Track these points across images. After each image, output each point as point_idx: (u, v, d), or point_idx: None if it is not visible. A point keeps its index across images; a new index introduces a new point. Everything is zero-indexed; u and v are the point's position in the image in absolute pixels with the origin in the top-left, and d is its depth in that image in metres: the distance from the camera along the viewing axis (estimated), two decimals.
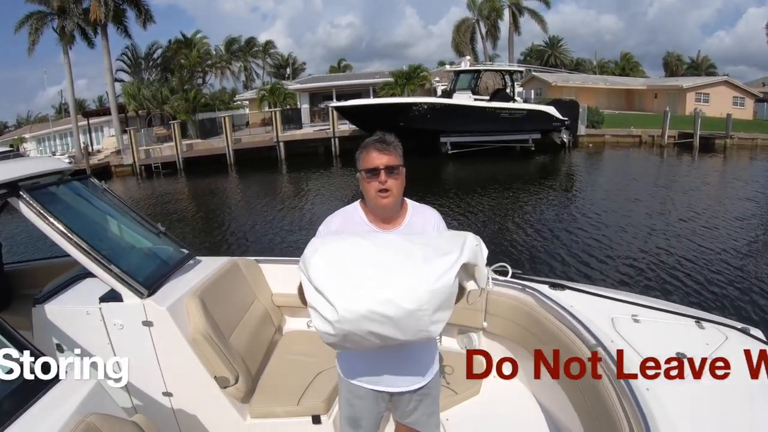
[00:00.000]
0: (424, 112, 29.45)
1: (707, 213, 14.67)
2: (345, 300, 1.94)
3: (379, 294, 1.94)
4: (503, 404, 3.39)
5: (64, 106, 56.23)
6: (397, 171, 2.33)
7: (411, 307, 1.93)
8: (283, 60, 70.32)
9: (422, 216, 2.53)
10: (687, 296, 8.61)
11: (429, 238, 2.19)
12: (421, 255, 2.02)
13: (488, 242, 2.24)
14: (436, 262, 2.00)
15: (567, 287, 3.29)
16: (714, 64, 73.66)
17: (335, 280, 1.99)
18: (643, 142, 32.13)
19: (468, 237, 2.16)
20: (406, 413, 2.61)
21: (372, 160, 2.32)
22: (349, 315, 1.94)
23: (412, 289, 1.93)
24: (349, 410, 2.58)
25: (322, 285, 2.00)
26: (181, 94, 39.31)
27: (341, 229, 2.43)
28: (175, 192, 26.90)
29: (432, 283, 1.94)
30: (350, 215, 2.50)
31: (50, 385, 2.06)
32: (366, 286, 1.95)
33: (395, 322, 1.96)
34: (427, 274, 1.95)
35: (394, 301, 1.92)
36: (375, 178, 2.30)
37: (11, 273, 4.58)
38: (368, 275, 1.98)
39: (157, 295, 3.14)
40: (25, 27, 35.02)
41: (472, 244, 2.13)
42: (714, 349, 2.53)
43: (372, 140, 2.37)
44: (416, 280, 1.94)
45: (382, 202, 2.34)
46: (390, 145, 2.34)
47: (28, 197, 2.98)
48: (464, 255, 2.06)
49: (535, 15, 50.05)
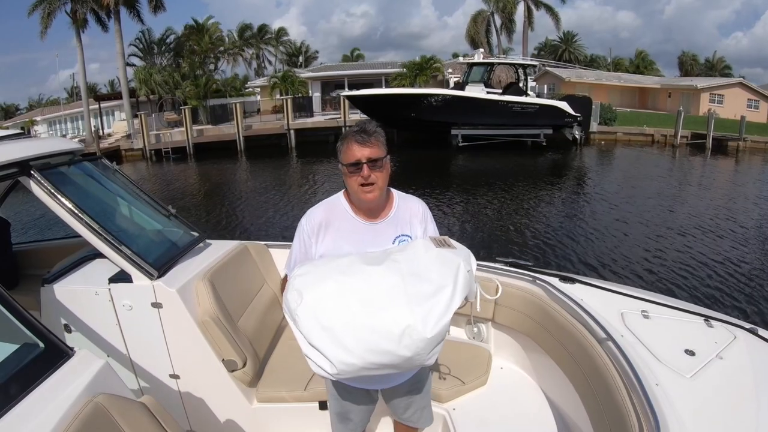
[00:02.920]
0: (436, 103, 29.35)
1: (718, 214, 14.59)
2: (341, 354, 1.92)
3: (375, 346, 1.91)
4: (510, 395, 3.37)
5: (75, 89, 56.53)
6: (381, 163, 2.23)
7: (408, 354, 1.92)
8: (296, 48, 70.22)
9: (409, 208, 2.47)
10: (696, 294, 8.59)
11: (418, 265, 2.07)
12: (413, 296, 1.95)
13: (497, 234, 2.22)
14: (430, 304, 1.94)
15: (577, 281, 3.27)
16: (729, 65, 73.34)
17: (327, 334, 1.94)
18: (656, 141, 31.85)
19: (460, 266, 2.09)
20: (401, 411, 2.61)
21: (353, 153, 2.20)
22: (347, 368, 1.95)
23: (408, 336, 1.89)
24: (338, 406, 2.57)
25: (315, 340, 1.97)
26: (192, 79, 39.39)
27: (325, 221, 2.37)
28: (185, 177, 27.02)
29: (429, 332, 1.90)
30: (334, 206, 2.42)
31: (58, 365, 2.05)
32: (360, 338, 1.91)
33: (393, 366, 1.99)
34: (423, 323, 1.90)
35: (391, 352, 1.91)
36: (358, 173, 2.21)
37: (20, 253, 4.60)
38: (360, 324, 1.93)
39: (167, 276, 3.13)
40: (38, 11, 35.11)
41: (465, 273, 2.08)
42: (722, 348, 2.51)
43: (352, 131, 2.25)
44: (412, 328, 1.89)
45: (367, 197, 2.25)
46: (372, 135, 2.23)
47: (40, 177, 2.97)
48: (458, 292, 2.02)
49: (550, 10, 49.87)
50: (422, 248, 2.17)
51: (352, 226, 2.37)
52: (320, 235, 2.38)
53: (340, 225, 2.37)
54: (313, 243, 2.39)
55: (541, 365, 3.40)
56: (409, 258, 2.11)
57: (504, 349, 3.73)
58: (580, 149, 30.17)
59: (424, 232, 2.47)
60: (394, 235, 2.39)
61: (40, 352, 2.07)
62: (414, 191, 2.75)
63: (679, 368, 2.32)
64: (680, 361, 2.38)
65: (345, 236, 2.36)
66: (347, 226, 2.37)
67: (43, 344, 2.09)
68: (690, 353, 2.44)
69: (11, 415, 1.76)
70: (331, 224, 2.37)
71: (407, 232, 2.42)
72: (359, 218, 2.38)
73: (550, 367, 3.18)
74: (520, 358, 3.63)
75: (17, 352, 2.08)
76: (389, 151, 2.28)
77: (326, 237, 2.37)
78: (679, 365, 2.35)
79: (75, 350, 2.16)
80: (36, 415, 1.79)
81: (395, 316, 1.91)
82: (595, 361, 2.61)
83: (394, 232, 2.40)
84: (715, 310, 3.18)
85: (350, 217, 2.38)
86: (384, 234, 2.38)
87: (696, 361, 2.38)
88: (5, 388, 1.85)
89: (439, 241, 2.25)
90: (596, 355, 2.61)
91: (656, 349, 2.47)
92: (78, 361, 2.11)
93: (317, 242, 2.38)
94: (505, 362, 3.69)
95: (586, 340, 2.75)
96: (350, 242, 2.34)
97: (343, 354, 1.92)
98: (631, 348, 2.48)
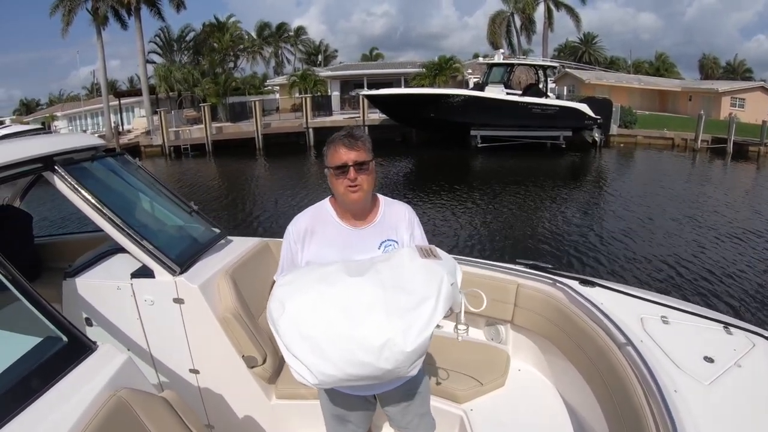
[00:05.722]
0: (456, 104, 29.26)
1: (739, 218, 14.49)
2: (321, 364, 1.93)
3: (355, 358, 1.91)
4: (528, 397, 3.36)
5: (95, 85, 57.05)
6: (367, 166, 2.24)
7: (389, 367, 1.92)
8: (314, 47, 70.39)
9: (395, 213, 2.46)
10: (714, 301, 8.52)
11: (401, 276, 2.06)
12: (395, 308, 1.95)
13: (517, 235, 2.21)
14: (411, 317, 1.94)
15: (597, 284, 3.25)
16: (750, 69, 72.86)
17: (308, 344, 1.95)
18: (676, 144, 31.43)
19: (444, 278, 2.07)
20: (398, 417, 2.59)
21: (340, 156, 2.21)
22: (327, 379, 1.97)
23: (388, 349, 1.90)
24: (333, 409, 2.54)
25: (296, 350, 1.98)
26: (211, 77, 39.60)
27: (311, 228, 2.38)
28: (204, 173, 27.21)
29: (410, 345, 1.90)
30: (319, 212, 2.42)
31: (81, 359, 2.06)
32: (340, 349, 1.92)
33: (374, 377, 1.99)
34: (403, 336, 1.90)
35: (371, 364, 1.91)
36: (344, 176, 2.21)
37: (42, 246, 4.65)
38: (340, 335, 1.93)
39: (189, 272, 3.16)
40: (60, 10, 35.53)
41: (448, 285, 2.06)
42: (741, 355, 2.49)
43: (339, 135, 2.26)
44: (392, 342, 1.89)
45: (352, 197, 2.25)
46: (358, 140, 2.24)
47: (63, 172, 3.01)
48: (440, 305, 2.00)
49: (570, 11, 49.59)
50: (407, 258, 2.15)
51: (338, 231, 2.37)
52: (306, 242, 2.39)
53: (326, 231, 2.38)
54: (299, 249, 2.40)
55: (559, 368, 3.38)
56: (392, 268, 2.11)
57: (522, 351, 3.72)
58: (599, 152, 29.92)
59: (410, 237, 2.46)
60: (380, 240, 2.39)
61: (63, 346, 2.08)
62: (433, 191, 2.74)
63: (698, 375, 2.30)
64: (699, 367, 2.36)
65: (330, 242, 2.36)
66: (332, 231, 2.38)
67: (67, 338, 2.10)
68: (709, 360, 2.42)
69: (34, 409, 1.78)
70: (316, 230, 2.38)
71: (393, 237, 2.41)
72: (345, 224, 2.38)
73: (569, 371, 3.17)
74: (539, 361, 3.61)
75: (40, 345, 2.09)
76: (406, 151, 2.29)
77: (312, 243, 2.38)
78: (698, 372, 2.32)
79: (98, 344, 2.18)
80: (58, 408, 1.81)
81: (376, 329, 1.91)
82: (613, 365, 2.59)
83: (379, 237, 2.39)
84: (734, 317, 3.15)
85: (336, 223, 2.38)
86: (370, 239, 2.38)
87: (715, 369, 2.36)
88: (28, 381, 1.87)
89: (425, 251, 2.23)
90: (615, 360, 2.60)
91: (675, 355, 2.45)
92: (101, 356, 2.12)
93: (303, 248, 2.39)
94: (524, 364, 3.68)
95: (605, 344, 2.73)
96: (336, 248, 2.34)
97: (324, 365, 1.93)
98: (650, 353, 2.46)
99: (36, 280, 4.08)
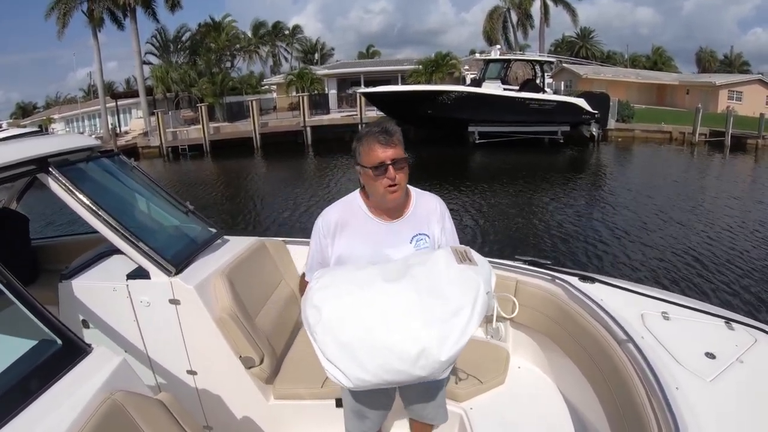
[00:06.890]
0: (453, 100, 29.27)
1: (737, 212, 14.50)
2: (357, 371, 1.95)
3: (390, 366, 1.93)
4: (528, 395, 3.34)
5: (92, 87, 56.98)
6: (404, 163, 2.19)
7: (423, 374, 1.95)
8: (311, 45, 70.32)
9: (426, 204, 2.44)
10: (715, 296, 8.51)
11: (438, 283, 2.04)
12: (431, 316, 1.95)
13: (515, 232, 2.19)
14: (447, 327, 1.94)
15: (597, 280, 3.23)
16: (747, 62, 72.70)
17: (344, 351, 1.97)
18: (674, 138, 31.48)
19: (480, 288, 2.05)
20: (419, 409, 2.62)
21: (377, 154, 2.15)
22: (362, 384, 1.99)
23: (424, 359, 1.91)
24: (354, 405, 2.55)
25: (332, 355, 1.99)
26: (208, 77, 39.55)
27: (341, 222, 2.35)
28: (202, 173, 27.21)
29: (445, 355, 1.91)
30: (350, 206, 2.39)
31: (76, 362, 2.04)
32: (376, 357, 1.93)
33: (407, 383, 2.05)
34: (439, 346, 1.91)
35: (406, 371, 1.93)
36: (383, 175, 2.15)
37: (38, 248, 4.63)
38: (376, 343, 1.94)
39: (185, 273, 3.13)
40: (55, 12, 35.46)
41: (484, 295, 2.05)
42: (743, 351, 2.47)
43: (373, 131, 2.19)
44: (428, 351, 1.90)
45: (392, 197, 2.21)
46: (393, 136, 2.17)
47: (57, 173, 2.98)
48: (476, 315, 2.00)
49: (567, 6, 49.60)
50: (443, 263, 2.12)
51: (369, 226, 2.35)
52: (336, 236, 2.36)
53: (357, 225, 2.35)
54: (329, 244, 2.38)
55: (559, 365, 3.36)
56: (429, 273, 2.08)
57: (522, 348, 3.70)
58: (597, 146, 29.96)
59: (441, 230, 2.44)
60: (411, 234, 2.37)
61: (58, 349, 2.06)
62: (432, 188, 2.72)
63: (700, 371, 2.28)
64: (700, 364, 2.34)
65: (361, 236, 2.34)
66: (363, 225, 2.35)
67: (61, 341, 2.08)
68: (710, 356, 2.40)
69: (29, 412, 1.76)
70: (347, 224, 2.35)
71: (425, 230, 2.39)
72: (376, 218, 2.35)
73: (569, 368, 3.15)
74: (539, 358, 3.59)
75: (35, 348, 2.07)
76: (405, 148, 2.25)
77: (342, 237, 2.36)
78: (700, 368, 2.31)
79: (92, 347, 2.16)
80: (53, 411, 1.78)
81: (411, 338, 1.92)
82: (614, 362, 2.57)
83: (411, 232, 2.37)
84: (735, 311, 3.13)
85: (367, 217, 2.36)
86: (401, 233, 2.36)
87: (716, 365, 2.34)
88: (23, 384, 1.85)
89: (461, 254, 2.19)
90: (615, 357, 2.58)
91: (676, 352, 2.43)
92: (95, 358, 2.10)
93: (333, 243, 2.37)
94: (524, 362, 3.66)
95: (605, 340, 2.71)
96: (367, 243, 2.32)
97: (359, 371, 1.95)
98: (651, 350, 2.44)
99: (33, 282, 4.06)
